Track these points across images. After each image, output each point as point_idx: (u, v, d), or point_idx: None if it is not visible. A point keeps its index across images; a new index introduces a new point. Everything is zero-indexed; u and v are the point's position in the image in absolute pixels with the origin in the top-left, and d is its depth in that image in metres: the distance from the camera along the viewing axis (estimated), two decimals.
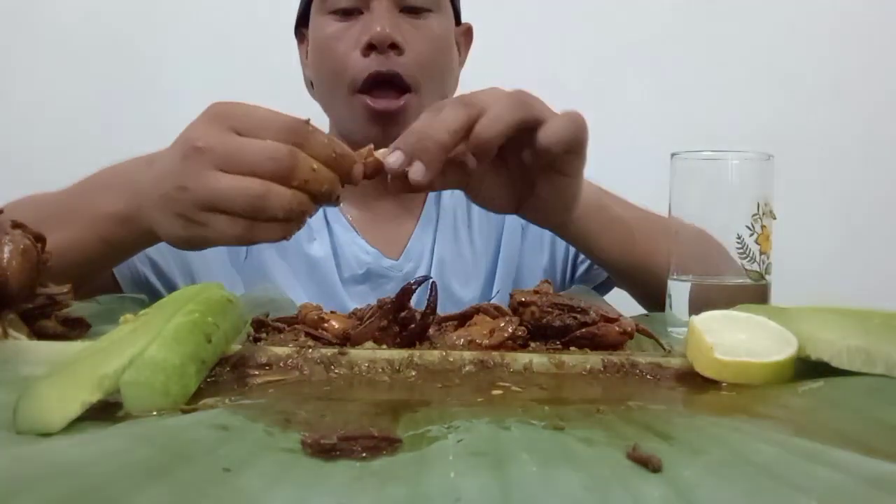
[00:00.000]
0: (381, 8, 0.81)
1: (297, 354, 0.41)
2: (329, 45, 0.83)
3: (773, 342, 0.40)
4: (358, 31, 0.81)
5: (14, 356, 0.40)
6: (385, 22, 0.80)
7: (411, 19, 0.83)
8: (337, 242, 0.89)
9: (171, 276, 0.82)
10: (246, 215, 0.47)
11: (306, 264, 0.88)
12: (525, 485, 0.22)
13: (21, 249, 0.43)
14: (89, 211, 0.61)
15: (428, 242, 0.91)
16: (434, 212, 0.92)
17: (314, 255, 0.88)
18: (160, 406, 0.30)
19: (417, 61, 0.82)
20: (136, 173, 0.57)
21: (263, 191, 0.47)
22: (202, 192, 0.48)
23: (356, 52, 0.81)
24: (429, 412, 0.32)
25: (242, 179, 0.47)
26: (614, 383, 0.40)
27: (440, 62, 0.86)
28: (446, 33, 0.87)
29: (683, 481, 0.22)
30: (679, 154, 0.59)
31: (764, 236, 0.56)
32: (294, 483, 0.23)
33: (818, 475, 0.22)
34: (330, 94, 0.86)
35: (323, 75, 0.86)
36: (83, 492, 0.20)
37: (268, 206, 0.47)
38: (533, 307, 0.46)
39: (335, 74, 0.83)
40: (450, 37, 0.88)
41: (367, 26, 0.80)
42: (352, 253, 0.89)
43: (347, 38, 0.82)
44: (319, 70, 0.87)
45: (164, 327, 0.35)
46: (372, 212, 0.91)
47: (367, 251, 0.89)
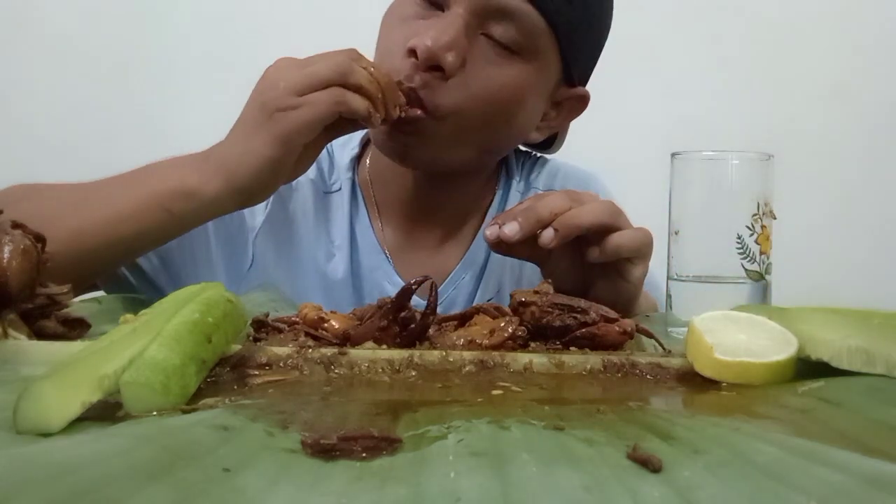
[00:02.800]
0: (454, 17, 0.66)
1: (297, 354, 0.41)
2: (392, 28, 0.71)
3: (773, 342, 0.40)
4: (419, 29, 0.67)
5: (14, 356, 0.40)
6: (445, 35, 0.65)
7: (490, 51, 0.68)
8: (360, 264, 0.80)
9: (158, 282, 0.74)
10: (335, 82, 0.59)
11: (322, 284, 0.79)
12: (525, 485, 0.22)
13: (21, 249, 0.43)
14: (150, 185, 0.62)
15: (465, 288, 0.82)
16: (482, 257, 0.82)
17: (331, 272, 0.80)
18: (160, 406, 0.30)
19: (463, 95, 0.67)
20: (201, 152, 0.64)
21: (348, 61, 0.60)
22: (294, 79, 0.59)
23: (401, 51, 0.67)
24: (429, 412, 0.32)
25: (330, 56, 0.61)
26: (614, 383, 0.40)
27: (496, 111, 0.70)
28: (524, 86, 0.71)
29: (683, 481, 0.22)
30: (679, 154, 0.59)
31: (764, 236, 0.56)
32: (294, 483, 0.23)
33: (818, 475, 0.22)
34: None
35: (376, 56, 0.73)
36: (83, 492, 0.20)
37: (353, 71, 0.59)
38: (533, 307, 0.46)
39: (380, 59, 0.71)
40: (528, 91, 0.72)
41: (426, 30, 0.66)
42: (375, 279, 0.79)
43: (408, 32, 0.68)
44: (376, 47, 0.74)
45: (164, 327, 0.34)
46: (410, 238, 0.82)
47: (392, 281, 0.79)
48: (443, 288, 0.81)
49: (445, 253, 0.83)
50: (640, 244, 0.63)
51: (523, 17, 0.67)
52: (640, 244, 0.63)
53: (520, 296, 0.47)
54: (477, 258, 0.82)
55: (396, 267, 0.80)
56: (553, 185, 0.88)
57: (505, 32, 0.67)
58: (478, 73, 0.67)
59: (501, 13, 0.67)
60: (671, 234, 0.59)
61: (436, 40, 0.64)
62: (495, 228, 0.61)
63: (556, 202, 0.62)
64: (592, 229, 0.62)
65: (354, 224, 0.81)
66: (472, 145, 0.73)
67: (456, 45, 0.65)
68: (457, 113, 0.68)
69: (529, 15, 0.67)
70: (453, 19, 0.66)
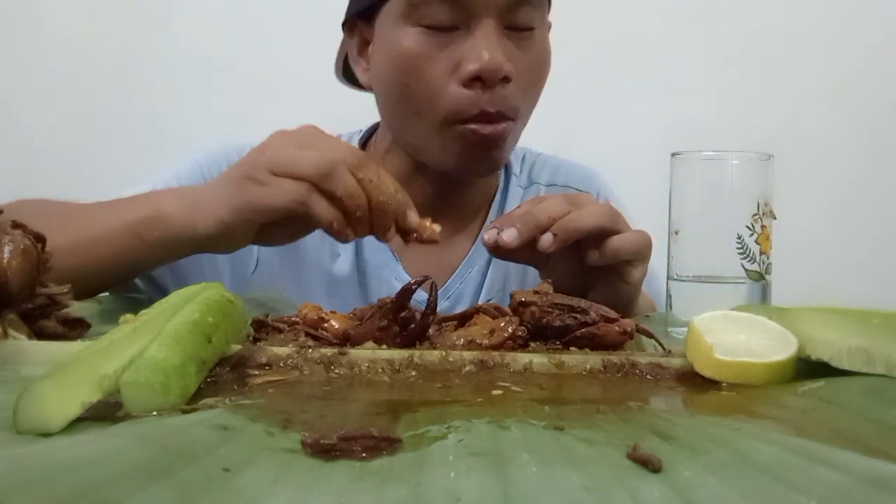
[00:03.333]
0: (488, 29, 0.69)
1: (297, 354, 0.41)
2: (418, 66, 0.70)
3: (773, 342, 0.40)
4: (458, 54, 0.69)
5: (14, 356, 0.40)
6: (495, 49, 0.68)
7: (517, 39, 0.72)
8: (366, 262, 0.81)
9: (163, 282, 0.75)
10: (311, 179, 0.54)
11: (326, 282, 0.80)
12: (525, 485, 0.22)
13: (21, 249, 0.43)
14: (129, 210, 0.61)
15: (472, 282, 0.83)
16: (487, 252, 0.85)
17: (336, 272, 0.80)
18: (160, 406, 0.30)
19: (521, 90, 0.72)
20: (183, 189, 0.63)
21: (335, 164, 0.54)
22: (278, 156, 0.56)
23: (454, 82, 0.69)
24: (429, 412, 0.32)
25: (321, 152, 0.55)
26: (614, 383, 0.40)
27: (539, 85, 0.77)
28: (546, 49, 0.77)
29: (683, 481, 0.22)
30: (679, 154, 0.59)
31: (764, 236, 0.56)
32: (294, 483, 0.23)
33: (818, 475, 0.22)
34: (414, 119, 0.74)
35: (402, 98, 0.73)
36: (83, 492, 0.20)
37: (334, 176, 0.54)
38: (533, 307, 0.46)
39: (427, 102, 0.71)
40: (549, 49, 0.77)
41: (474, 52, 0.68)
42: (382, 277, 0.80)
43: (443, 61, 0.69)
44: (395, 88, 0.73)
45: (164, 327, 0.34)
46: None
47: (400, 278, 0.80)
48: (450, 282, 0.82)
49: (453, 248, 0.84)
50: (639, 247, 0.63)
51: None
52: (639, 247, 0.63)
53: (520, 296, 0.47)
54: (483, 252, 0.82)
55: (404, 264, 0.81)
56: (555, 181, 0.90)
57: (524, 17, 0.72)
58: (522, 64, 0.72)
59: (519, 3, 0.71)
60: (671, 234, 0.59)
61: (493, 56, 0.68)
62: (493, 233, 0.60)
63: (555, 206, 0.61)
64: (591, 233, 0.61)
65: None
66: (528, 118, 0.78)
67: (507, 51, 0.70)
68: (525, 106, 0.74)
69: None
70: (489, 31, 0.69)
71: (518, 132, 0.77)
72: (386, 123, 0.81)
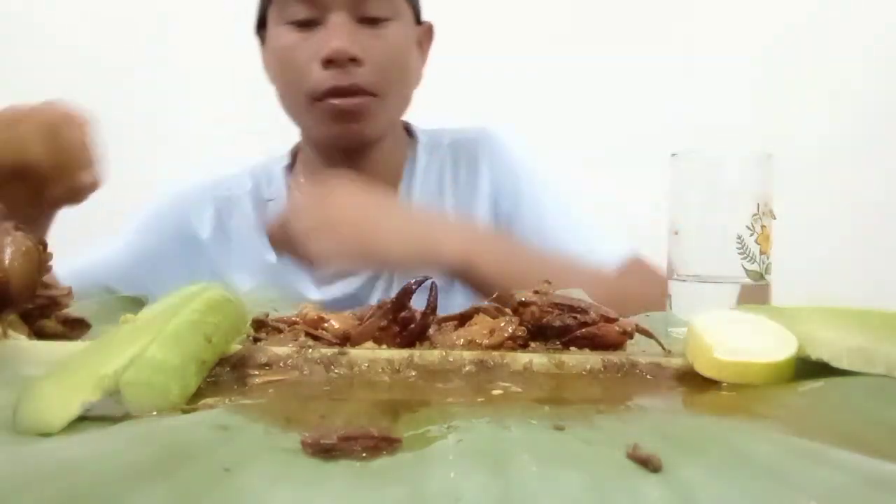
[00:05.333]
0: (338, 21, 0.83)
1: (297, 354, 0.41)
2: (287, 57, 0.85)
3: (773, 342, 0.40)
4: (316, 44, 0.83)
5: (14, 356, 0.40)
6: (342, 36, 0.82)
7: (370, 29, 0.85)
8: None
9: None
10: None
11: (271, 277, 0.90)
12: (525, 485, 0.22)
13: (23, 251, 0.43)
14: None
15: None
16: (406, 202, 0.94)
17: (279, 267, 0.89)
18: (160, 406, 0.30)
19: (377, 70, 0.84)
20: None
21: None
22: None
23: (315, 65, 0.83)
24: (429, 412, 0.32)
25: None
26: (614, 383, 0.40)
27: (400, 67, 0.89)
28: (405, 39, 0.89)
29: (683, 481, 0.22)
30: (679, 154, 0.59)
31: (764, 236, 0.56)
32: (294, 483, 0.23)
33: (818, 475, 0.22)
34: (292, 101, 0.89)
35: (283, 85, 0.89)
36: (83, 492, 0.20)
37: None
38: (533, 307, 0.46)
39: (295, 85, 0.86)
40: (409, 41, 0.90)
41: (325, 41, 0.82)
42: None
43: (306, 50, 0.84)
44: (279, 79, 0.89)
45: (164, 327, 0.34)
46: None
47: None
48: None
49: None
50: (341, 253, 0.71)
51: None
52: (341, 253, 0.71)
53: (520, 296, 0.47)
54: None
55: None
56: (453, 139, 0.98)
57: (374, 9, 0.84)
58: (376, 49, 0.84)
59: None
60: (671, 234, 0.59)
61: (340, 42, 0.81)
62: None
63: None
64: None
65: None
66: (396, 108, 0.91)
67: (355, 38, 0.83)
68: (384, 83, 0.85)
69: None
70: (340, 21, 0.82)
71: (388, 109, 0.89)
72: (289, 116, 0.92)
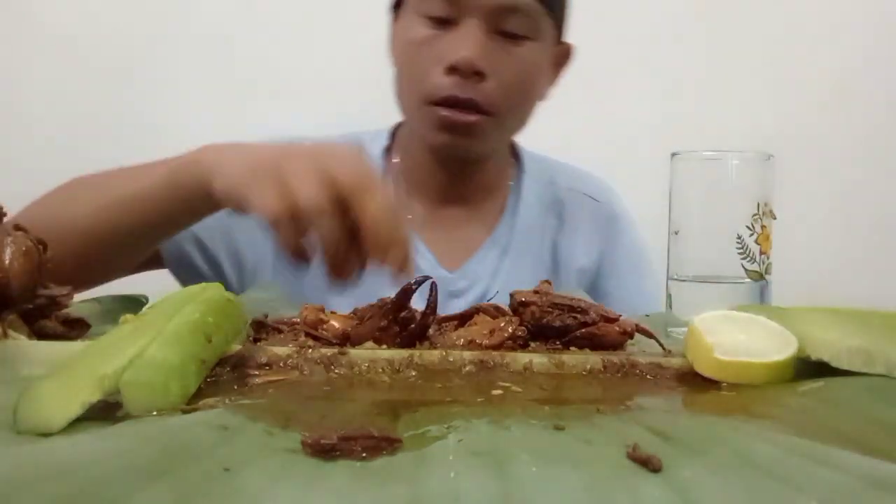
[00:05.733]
0: (472, 27, 0.76)
1: (297, 354, 0.41)
2: (414, 51, 0.80)
3: (773, 342, 0.40)
4: (444, 46, 0.77)
5: (14, 356, 0.40)
6: (473, 46, 0.76)
7: (505, 44, 0.78)
8: None
9: (218, 260, 0.82)
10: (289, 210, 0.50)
11: None
12: (525, 485, 0.22)
13: (23, 251, 0.43)
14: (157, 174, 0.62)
15: (489, 266, 0.88)
16: (505, 238, 0.90)
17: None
18: (160, 406, 0.30)
19: (500, 89, 0.78)
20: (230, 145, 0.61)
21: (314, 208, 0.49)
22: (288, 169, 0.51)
23: (438, 68, 0.77)
24: (429, 412, 0.32)
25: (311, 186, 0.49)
26: (614, 383, 0.40)
27: (525, 91, 0.83)
28: (539, 62, 0.83)
29: (683, 481, 0.22)
30: (679, 154, 0.59)
31: (764, 236, 0.56)
32: (294, 483, 0.23)
33: (818, 475, 0.22)
34: (406, 95, 0.84)
35: (401, 77, 0.84)
36: (83, 492, 0.20)
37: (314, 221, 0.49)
38: (533, 307, 0.46)
39: (414, 82, 0.81)
40: (542, 63, 0.84)
41: (454, 46, 0.76)
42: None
43: (433, 50, 0.78)
44: (400, 70, 0.84)
45: (164, 327, 0.35)
46: (437, 217, 0.89)
47: (423, 256, 0.86)
48: (467, 264, 0.88)
49: (470, 232, 0.90)
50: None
51: (526, 8, 0.78)
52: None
53: (520, 296, 0.47)
54: (500, 240, 0.89)
55: (425, 242, 0.87)
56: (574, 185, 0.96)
57: (514, 24, 0.78)
58: (506, 67, 0.78)
59: (509, 10, 0.77)
60: (671, 234, 0.59)
61: (469, 52, 0.75)
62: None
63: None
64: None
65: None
66: (511, 129, 0.86)
67: (484, 50, 0.76)
68: (504, 105, 0.79)
69: (529, 4, 0.78)
70: (472, 30, 0.76)
71: (502, 129, 0.84)
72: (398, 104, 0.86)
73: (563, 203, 0.94)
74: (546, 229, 0.92)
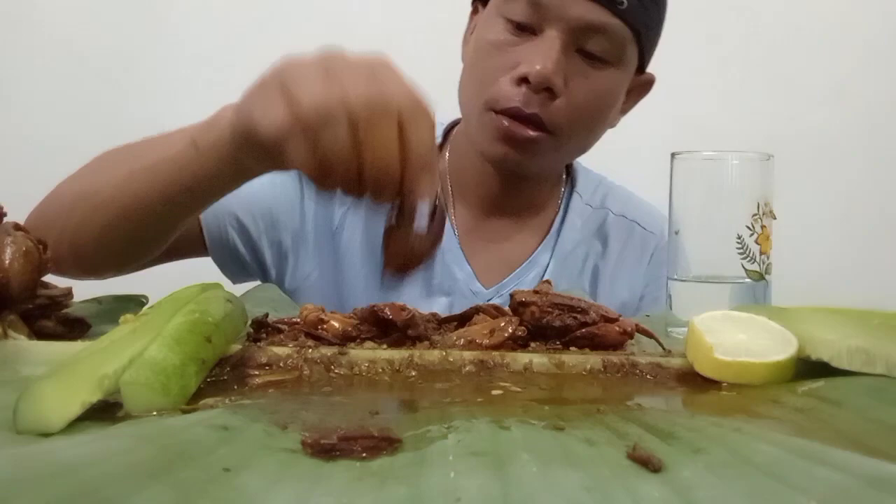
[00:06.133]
0: (552, 40, 0.72)
1: (297, 354, 0.41)
2: (487, 52, 0.77)
3: (773, 342, 0.40)
4: (520, 54, 0.74)
5: (14, 356, 0.40)
6: (550, 60, 0.72)
7: (585, 65, 0.75)
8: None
9: (260, 245, 0.81)
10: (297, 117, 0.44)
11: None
12: (525, 485, 0.22)
13: (23, 251, 0.43)
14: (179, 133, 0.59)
15: (531, 284, 0.84)
16: (545, 259, 0.86)
17: None
18: (160, 406, 0.30)
19: (568, 110, 0.75)
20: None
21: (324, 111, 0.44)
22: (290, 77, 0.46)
23: (508, 76, 0.74)
24: (429, 412, 0.32)
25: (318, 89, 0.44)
26: (614, 383, 0.40)
27: (593, 117, 0.79)
28: (615, 90, 0.79)
29: (683, 481, 0.22)
30: (679, 154, 0.59)
31: (764, 236, 0.56)
32: (294, 483, 0.23)
33: (818, 475, 0.22)
34: (469, 97, 0.80)
35: (471, 77, 0.80)
36: (83, 492, 0.20)
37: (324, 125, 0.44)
38: (533, 307, 0.46)
39: (481, 84, 0.77)
40: (618, 93, 0.80)
41: (530, 56, 0.72)
42: (446, 262, 0.83)
43: (508, 56, 0.75)
44: (470, 69, 0.81)
45: (164, 327, 0.35)
46: (481, 226, 0.86)
47: (462, 268, 0.84)
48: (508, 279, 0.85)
49: (515, 246, 0.86)
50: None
51: (613, 30, 0.73)
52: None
53: (520, 296, 0.47)
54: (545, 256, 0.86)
55: (465, 252, 0.85)
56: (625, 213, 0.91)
57: (597, 46, 0.74)
58: (580, 88, 0.75)
59: (594, 30, 0.73)
60: (671, 234, 0.59)
61: (544, 66, 0.71)
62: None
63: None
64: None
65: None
66: (573, 152, 0.84)
67: (560, 66, 0.72)
68: (568, 127, 0.76)
69: (617, 27, 0.73)
70: (552, 43, 0.72)
71: (562, 152, 0.80)
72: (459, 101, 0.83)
73: (610, 229, 0.89)
74: (590, 255, 0.88)
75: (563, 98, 0.74)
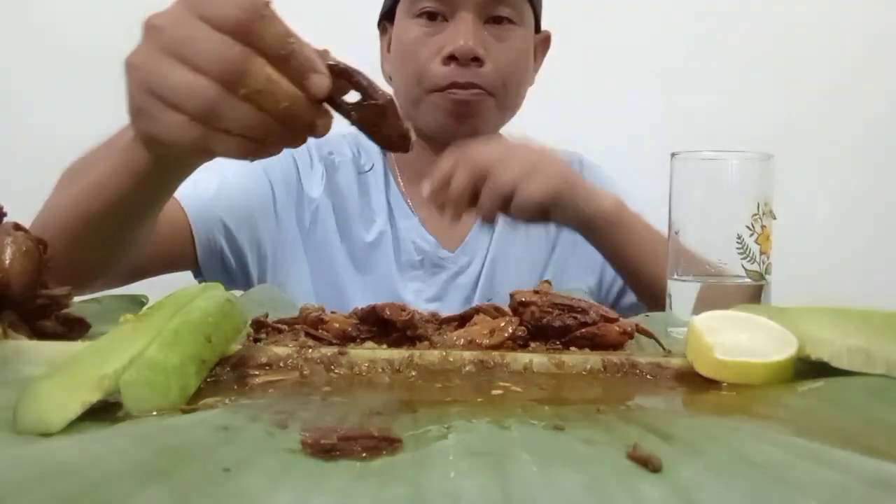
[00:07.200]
0: (465, 19, 0.84)
1: (297, 354, 0.41)
2: (411, 50, 0.87)
3: (773, 342, 0.40)
4: (441, 40, 0.84)
5: (14, 356, 0.40)
6: (469, 35, 0.83)
7: (495, 30, 0.86)
8: (397, 227, 0.94)
9: (242, 248, 0.84)
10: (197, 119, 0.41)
11: (365, 248, 0.92)
12: (525, 485, 0.22)
13: (23, 251, 0.43)
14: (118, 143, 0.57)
15: (485, 241, 0.95)
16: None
17: (372, 238, 0.92)
18: (160, 406, 0.30)
19: (497, 72, 0.85)
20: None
21: (214, 95, 0.40)
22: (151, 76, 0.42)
23: (436, 61, 0.84)
24: (429, 412, 0.32)
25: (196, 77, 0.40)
26: (614, 383, 0.40)
27: (519, 73, 0.90)
28: (526, 45, 0.91)
29: (683, 481, 0.22)
30: (679, 154, 0.59)
31: (764, 236, 0.56)
32: (294, 483, 0.23)
33: (818, 475, 0.22)
34: (408, 93, 0.89)
35: (402, 77, 0.89)
36: (83, 492, 0.20)
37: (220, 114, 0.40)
38: (533, 307, 0.46)
39: (415, 78, 0.86)
40: (529, 48, 0.92)
41: (451, 37, 0.84)
42: (410, 239, 0.93)
43: (430, 46, 0.85)
44: (399, 71, 0.90)
45: (164, 327, 0.34)
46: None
47: (426, 239, 0.94)
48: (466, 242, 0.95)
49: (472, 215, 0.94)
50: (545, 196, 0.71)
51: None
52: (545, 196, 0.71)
53: (520, 296, 0.47)
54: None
55: (427, 227, 0.94)
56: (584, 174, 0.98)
57: (503, 12, 0.86)
58: (500, 51, 0.86)
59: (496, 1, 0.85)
60: (671, 234, 0.59)
61: (466, 41, 0.82)
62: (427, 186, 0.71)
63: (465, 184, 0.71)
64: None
65: (389, 195, 0.95)
66: (510, 109, 0.92)
67: (480, 38, 0.84)
68: (502, 86, 0.86)
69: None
70: (466, 21, 0.84)
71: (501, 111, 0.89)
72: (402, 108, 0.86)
73: None
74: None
75: (489, 63, 0.85)
